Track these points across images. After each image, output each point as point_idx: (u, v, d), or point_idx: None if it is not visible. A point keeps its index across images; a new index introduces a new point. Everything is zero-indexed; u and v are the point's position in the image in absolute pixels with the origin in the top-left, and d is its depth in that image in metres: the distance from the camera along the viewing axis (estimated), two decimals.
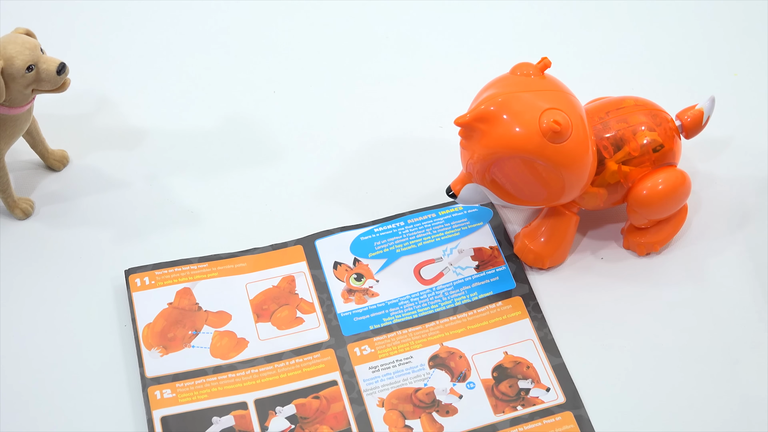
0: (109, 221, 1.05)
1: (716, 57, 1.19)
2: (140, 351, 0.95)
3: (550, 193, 0.95)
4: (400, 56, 1.20)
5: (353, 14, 1.24)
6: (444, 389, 0.93)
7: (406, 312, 0.98)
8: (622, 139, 0.97)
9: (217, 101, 1.16)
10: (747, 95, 1.15)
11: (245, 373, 0.94)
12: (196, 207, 1.06)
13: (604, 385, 0.93)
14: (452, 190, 0.97)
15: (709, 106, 1.01)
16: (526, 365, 0.94)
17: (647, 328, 0.97)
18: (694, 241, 1.03)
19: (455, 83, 1.16)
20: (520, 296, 0.99)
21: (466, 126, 0.93)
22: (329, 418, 0.92)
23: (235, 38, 1.22)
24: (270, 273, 1.01)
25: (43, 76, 0.98)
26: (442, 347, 0.96)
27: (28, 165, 1.10)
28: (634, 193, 0.98)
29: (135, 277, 0.99)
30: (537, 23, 1.23)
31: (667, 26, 1.22)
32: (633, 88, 1.10)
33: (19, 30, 0.99)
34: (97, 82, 1.16)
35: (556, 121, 0.90)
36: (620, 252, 1.02)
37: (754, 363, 0.94)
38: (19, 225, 1.05)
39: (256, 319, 0.98)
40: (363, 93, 1.16)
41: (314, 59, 1.20)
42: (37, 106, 1.07)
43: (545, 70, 0.96)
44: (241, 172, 1.09)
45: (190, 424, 0.91)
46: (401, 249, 1.02)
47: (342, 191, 1.07)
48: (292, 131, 1.13)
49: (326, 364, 0.95)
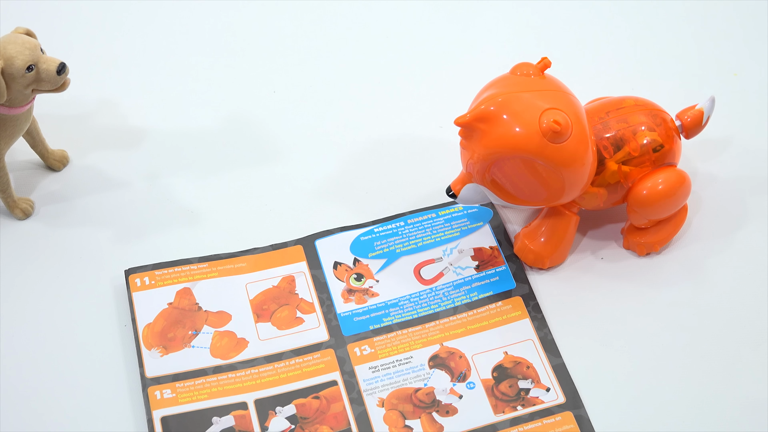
0: (109, 221, 1.05)
1: (716, 57, 1.19)
2: (140, 351, 0.95)
3: (550, 193, 0.95)
4: (400, 56, 1.20)
5: (353, 14, 1.24)
6: (444, 389, 0.93)
7: (406, 312, 0.98)
8: (622, 139, 0.97)
9: (218, 101, 1.15)
10: (747, 95, 1.15)
11: (245, 373, 0.94)
12: (196, 207, 1.06)
13: (604, 385, 0.93)
14: (452, 190, 0.97)
15: (709, 106, 1.01)
16: (526, 365, 0.94)
17: (647, 328, 0.97)
18: (694, 241, 1.03)
19: (455, 83, 1.16)
20: (520, 296, 0.99)
21: (466, 126, 0.93)
22: (329, 418, 0.92)
23: (236, 38, 1.22)
24: (270, 273, 1.01)
25: (43, 76, 0.98)
26: (442, 347, 0.96)
27: (28, 165, 1.09)
28: (634, 193, 0.98)
29: (135, 277, 0.99)
30: (537, 23, 1.23)
31: (667, 26, 1.22)
32: (633, 88, 1.10)
33: (19, 30, 0.99)
34: (97, 82, 1.16)
35: (556, 121, 0.90)
36: (620, 252, 1.02)
37: (754, 363, 0.94)
38: (19, 225, 1.05)
39: (256, 319, 0.98)
40: (363, 93, 1.16)
41: (314, 59, 1.20)
42: (37, 106, 1.07)
43: (545, 70, 0.96)
44: (241, 172, 1.09)
45: (190, 424, 0.91)
46: (401, 249, 1.02)
47: (342, 191, 1.07)
48: (292, 131, 1.13)
49: (326, 364, 0.95)
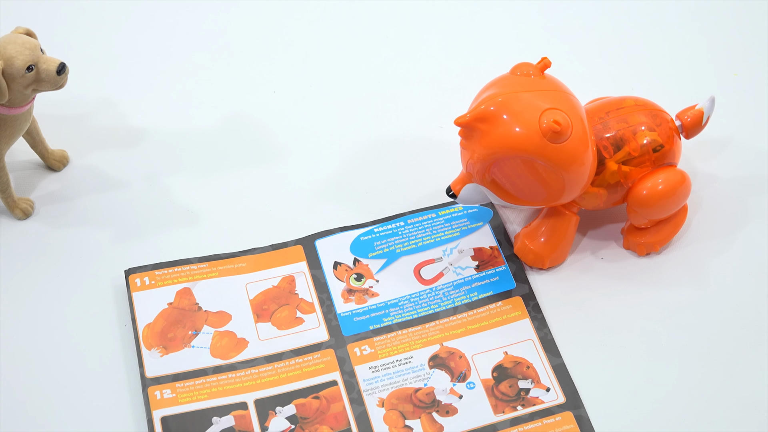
0: (109, 221, 1.05)
1: (716, 57, 1.19)
2: (140, 351, 0.95)
3: (550, 193, 0.95)
4: (400, 56, 1.20)
5: (353, 14, 1.24)
6: (444, 389, 0.93)
7: (406, 312, 0.98)
8: (622, 139, 0.97)
9: (217, 101, 1.15)
10: (747, 95, 1.15)
11: (245, 373, 0.94)
12: (196, 207, 1.06)
13: (604, 385, 0.93)
14: (452, 190, 0.97)
15: (709, 106, 1.01)
16: (526, 365, 0.94)
17: (647, 328, 0.97)
18: (694, 241, 1.03)
19: (455, 83, 1.16)
20: (520, 296, 0.99)
21: (466, 126, 0.93)
22: (329, 418, 0.92)
23: (235, 38, 1.22)
24: (270, 273, 1.01)
25: (43, 76, 0.98)
26: (442, 347, 0.96)
27: (28, 165, 1.09)
28: (634, 193, 0.98)
29: (135, 277, 0.99)
30: (537, 23, 1.23)
31: (667, 26, 1.22)
32: (633, 88, 1.10)
33: (19, 30, 0.99)
34: (97, 82, 1.16)
35: (556, 121, 0.90)
36: (620, 252, 1.02)
37: (754, 363, 0.94)
38: (19, 225, 1.05)
39: (256, 319, 0.98)
40: (363, 93, 1.16)
41: (314, 59, 1.20)
42: (37, 106, 1.07)
43: (545, 70, 0.96)
44: (241, 172, 1.09)
45: (190, 424, 0.91)
46: (401, 249, 1.02)
47: (342, 191, 1.07)
48: (292, 131, 1.13)
49: (326, 364, 0.95)
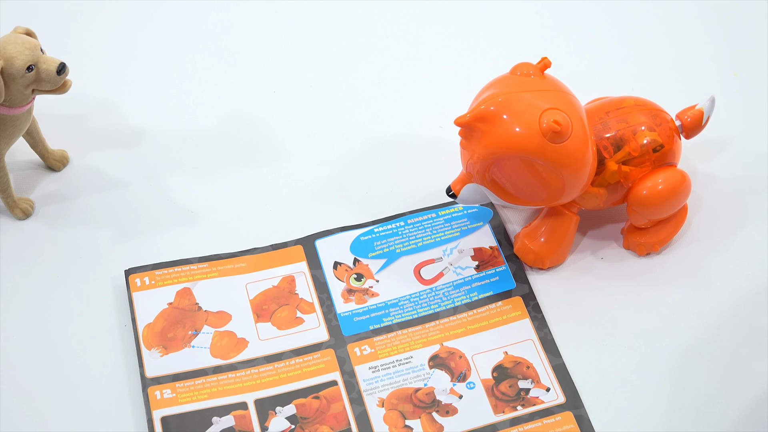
0: (109, 221, 1.05)
1: (716, 57, 1.19)
2: (140, 351, 0.95)
3: (550, 193, 0.95)
4: (400, 56, 1.20)
5: (353, 14, 1.24)
6: (444, 389, 0.93)
7: (406, 312, 0.98)
8: (622, 139, 0.97)
9: (217, 101, 1.15)
10: (747, 95, 1.15)
11: (245, 373, 0.94)
12: (196, 207, 1.06)
13: (604, 385, 0.93)
14: (452, 190, 0.97)
15: (709, 106, 1.01)
16: (526, 365, 0.94)
17: (647, 328, 0.97)
18: (694, 241, 1.03)
19: (455, 83, 1.16)
20: (520, 296, 0.99)
21: (466, 126, 0.93)
22: (329, 418, 0.92)
23: (235, 38, 1.22)
24: (270, 273, 1.01)
25: (43, 76, 0.98)
26: (442, 347, 0.96)
27: (28, 165, 1.09)
28: (634, 193, 0.98)
29: (135, 277, 0.99)
30: (537, 23, 1.23)
31: (667, 26, 1.22)
32: (633, 88, 1.10)
33: (19, 30, 0.99)
34: (97, 82, 1.16)
35: (556, 121, 0.90)
36: (620, 252, 1.02)
37: (754, 363, 0.94)
38: (19, 225, 1.05)
39: (256, 319, 0.98)
40: (363, 93, 1.16)
41: (314, 59, 1.20)
42: (37, 106, 1.07)
43: (545, 70, 0.96)
44: (241, 172, 1.09)
45: (190, 424, 0.91)
46: (401, 249, 1.02)
47: (342, 191, 1.07)
48: (292, 131, 1.13)
49: (326, 364, 0.95)
